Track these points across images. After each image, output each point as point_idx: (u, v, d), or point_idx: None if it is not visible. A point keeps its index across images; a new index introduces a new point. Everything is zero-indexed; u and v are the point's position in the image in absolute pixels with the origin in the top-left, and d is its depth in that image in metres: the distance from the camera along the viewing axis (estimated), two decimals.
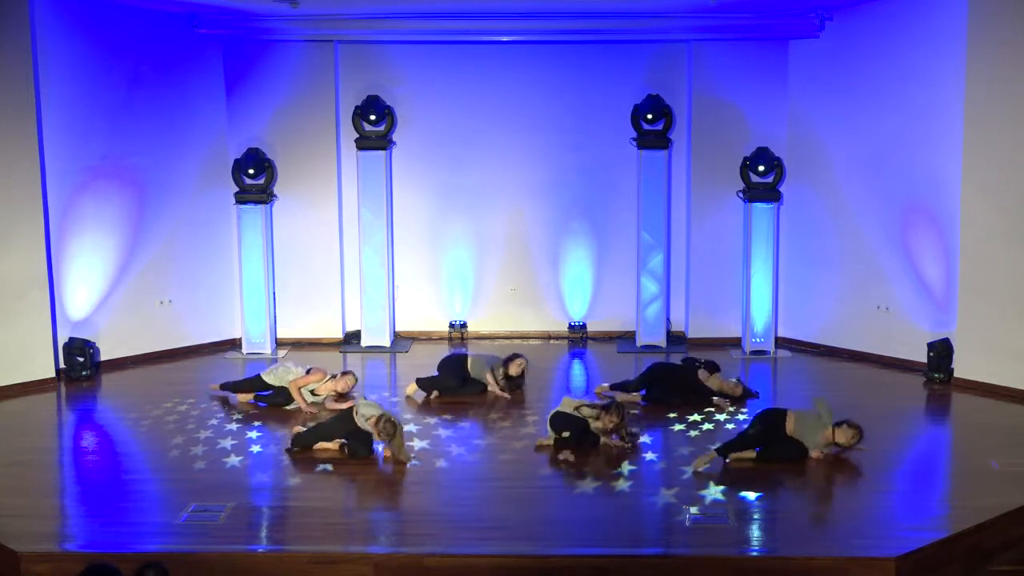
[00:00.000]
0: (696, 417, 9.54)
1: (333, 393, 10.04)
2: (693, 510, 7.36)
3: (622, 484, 7.93)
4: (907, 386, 10.81)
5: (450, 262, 12.98)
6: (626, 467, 8.26)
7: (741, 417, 9.58)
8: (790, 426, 8.37)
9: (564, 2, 11.59)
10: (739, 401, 10.00)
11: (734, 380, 10.24)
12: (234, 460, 8.52)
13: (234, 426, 9.46)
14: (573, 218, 12.89)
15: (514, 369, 10.43)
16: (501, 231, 12.93)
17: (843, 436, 8.32)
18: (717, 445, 8.39)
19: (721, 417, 9.55)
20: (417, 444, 8.94)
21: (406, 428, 9.24)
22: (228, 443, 8.96)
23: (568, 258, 12.96)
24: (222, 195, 12.32)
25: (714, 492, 7.65)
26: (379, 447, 8.59)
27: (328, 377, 10.07)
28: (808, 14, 11.85)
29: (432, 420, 9.65)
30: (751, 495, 7.64)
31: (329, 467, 8.32)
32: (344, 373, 10.14)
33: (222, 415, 9.80)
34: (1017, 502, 7.45)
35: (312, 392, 10.01)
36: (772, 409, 8.68)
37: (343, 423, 8.66)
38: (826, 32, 11.96)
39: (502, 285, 12.98)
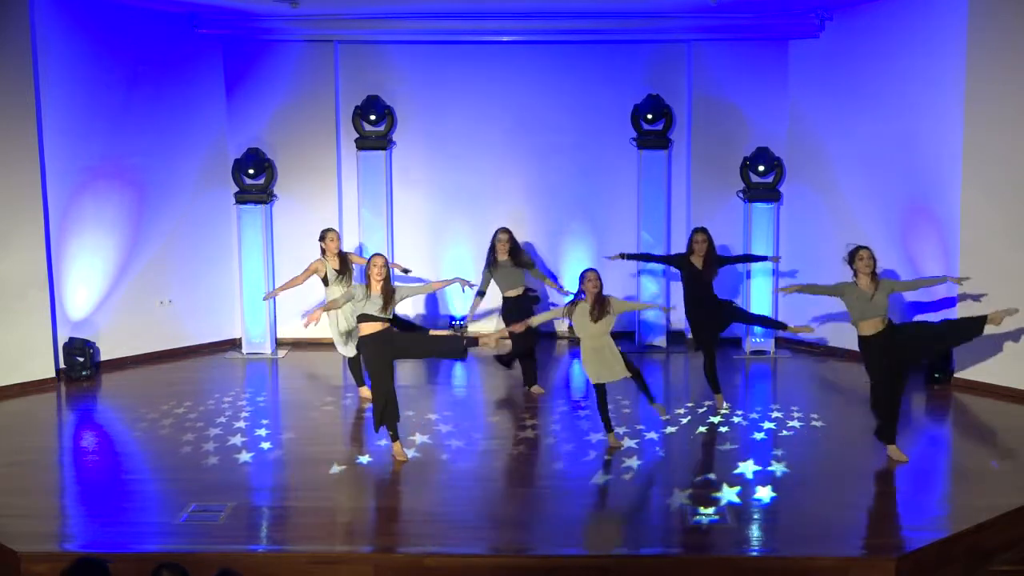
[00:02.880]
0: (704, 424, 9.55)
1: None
2: (694, 510, 7.36)
3: (623, 484, 7.94)
4: (907, 386, 10.78)
5: (450, 262, 12.98)
6: (635, 463, 8.27)
7: (736, 419, 9.58)
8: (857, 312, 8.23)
9: (564, 2, 11.59)
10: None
11: None
12: (244, 457, 8.54)
13: (242, 424, 9.47)
14: (573, 218, 12.90)
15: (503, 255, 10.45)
16: None
17: (870, 261, 8.22)
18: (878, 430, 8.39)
19: (716, 419, 9.54)
20: (418, 439, 8.97)
21: (408, 425, 9.27)
22: (238, 440, 9.00)
23: (568, 258, 12.95)
24: (222, 195, 12.33)
25: (728, 494, 7.63)
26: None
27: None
28: (808, 14, 11.86)
29: (433, 417, 9.67)
30: (765, 497, 7.63)
31: (334, 467, 8.34)
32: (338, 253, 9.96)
33: (229, 413, 9.80)
34: (1017, 502, 7.44)
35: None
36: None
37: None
38: (826, 32, 11.96)
39: None
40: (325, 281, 10.12)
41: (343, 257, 10.21)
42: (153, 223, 11.96)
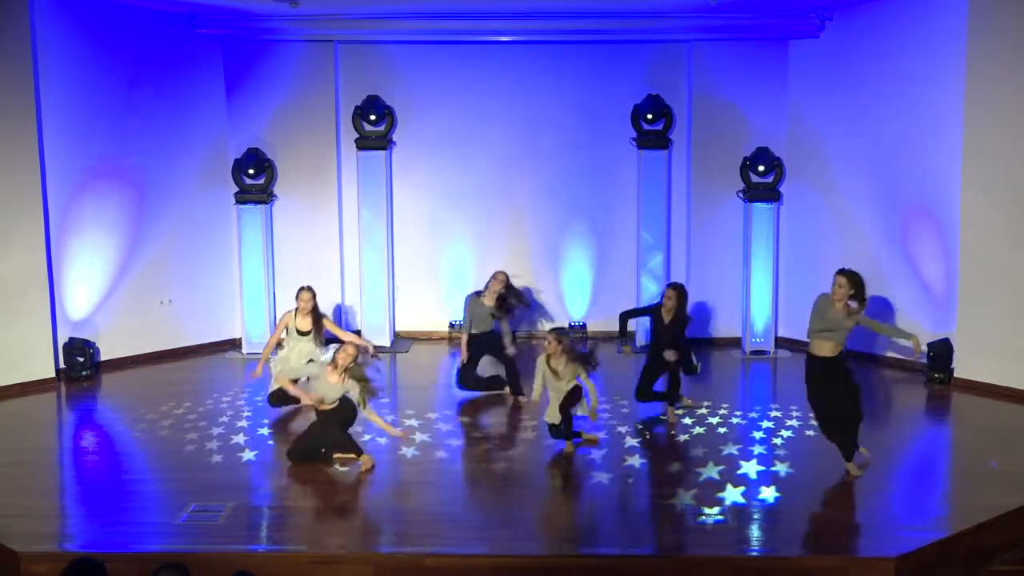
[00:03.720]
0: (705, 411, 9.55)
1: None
2: (697, 509, 7.36)
3: (624, 483, 7.94)
4: (907, 386, 10.81)
5: (450, 262, 12.98)
6: (637, 462, 8.26)
7: (735, 420, 9.58)
8: (820, 325, 7.89)
9: (564, 2, 11.59)
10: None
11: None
12: (249, 455, 8.56)
13: (244, 423, 9.47)
14: (573, 218, 12.89)
15: (489, 299, 10.34)
16: (501, 231, 12.93)
17: (840, 287, 7.81)
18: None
19: (715, 421, 9.53)
20: (419, 437, 9.00)
21: (408, 423, 9.34)
22: (240, 439, 9.02)
23: (568, 258, 12.96)
24: (222, 195, 12.33)
25: (733, 494, 7.62)
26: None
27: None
28: (808, 14, 11.86)
29: (433, 416, 9.67)
30: (769, 497, 7.62)
31: (337, 467, 8.33)
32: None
33: (230, 414, 9.80)
34: (1017, 502, 7.45)
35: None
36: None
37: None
38: (826, 32, 11.96)
39: None
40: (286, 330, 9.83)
41: (317, 319, 9.73)
42: (153, 223, 11.96)
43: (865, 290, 7.92)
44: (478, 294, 10.49)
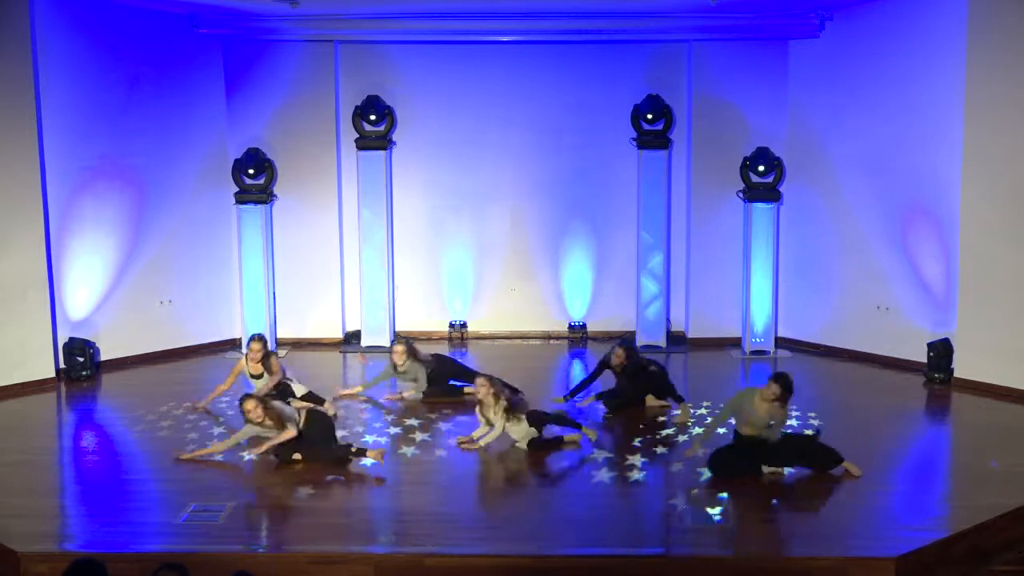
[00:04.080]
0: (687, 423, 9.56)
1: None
2: (698, 509, 7.36)
3: (624, 483, 7.94)
4: (907, 386, 10.81)
5: (450, 262, 12.99)
6: (637, 461, 8.26)
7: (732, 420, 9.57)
8: (737, 421, 8.05)
9: (564, 2, 11.59)
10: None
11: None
12: (249, 455, 8.54)
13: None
14: (573, 218, 12.90)
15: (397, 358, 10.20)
16: (501, 231, 12.94)
17: (773, 394, 7.86)
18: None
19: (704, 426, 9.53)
20: (419, 436, 9.00)
21: (408, 421, 9.32)
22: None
23: (568, 258, 12.96)
24: (222, 195, 12.33)
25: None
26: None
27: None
28: (808, 14, 11.86)
29: (433, 415, 9.68)
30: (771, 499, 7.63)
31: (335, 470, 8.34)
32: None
33: (231, 413, 9.79)
34: (1017, 502, 7.45)
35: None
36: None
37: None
38: (826, 32, 11.97)
39: (502, 285, 12.98)
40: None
41: (267, 365, 9.79)
42: (153, 223, 11.96)
43: (790, 398, 7.99)
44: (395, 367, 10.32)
